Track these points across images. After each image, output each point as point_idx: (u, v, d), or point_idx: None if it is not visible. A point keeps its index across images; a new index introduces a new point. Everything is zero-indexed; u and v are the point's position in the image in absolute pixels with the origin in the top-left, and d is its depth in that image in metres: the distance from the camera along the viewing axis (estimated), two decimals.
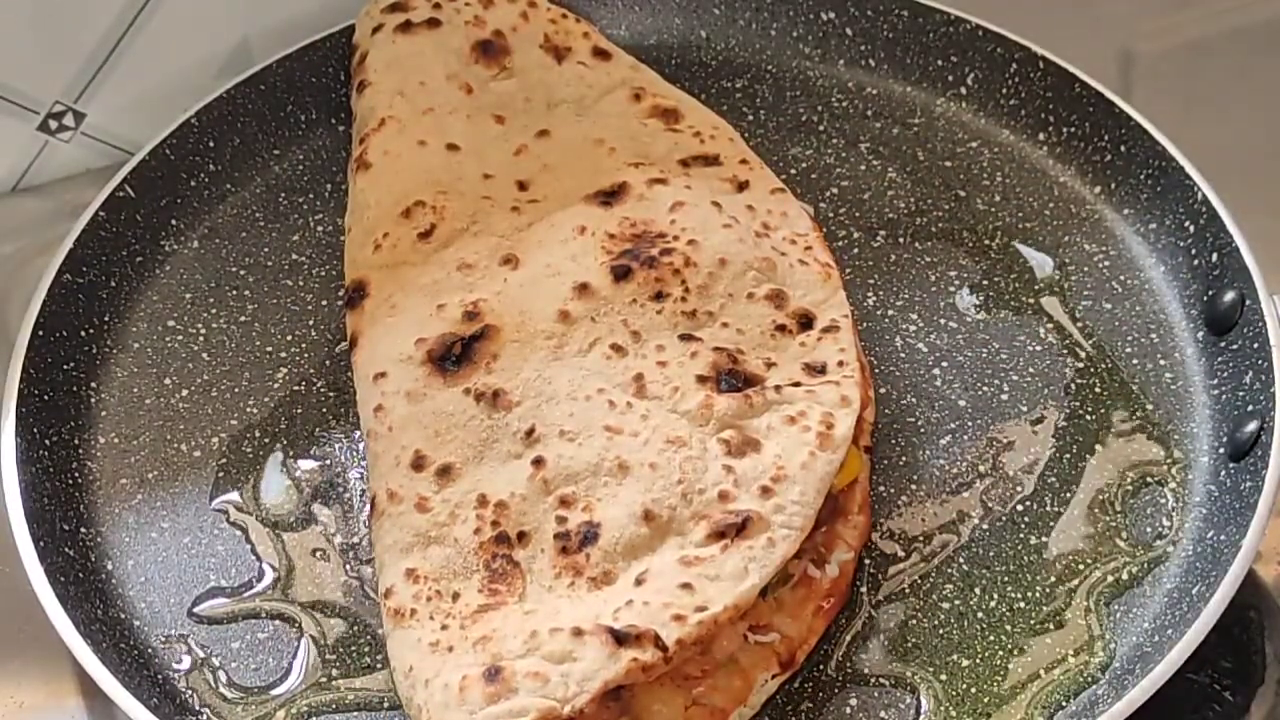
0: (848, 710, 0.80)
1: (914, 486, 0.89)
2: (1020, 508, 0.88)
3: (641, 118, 1.03)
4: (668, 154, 1.00)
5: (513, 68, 1.07)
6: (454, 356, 0.88)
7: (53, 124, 1.12)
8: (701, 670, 0.78)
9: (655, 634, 0.74)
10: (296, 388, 0.96)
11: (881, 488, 0.89)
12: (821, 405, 0.83)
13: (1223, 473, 0.87)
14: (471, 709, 0.73)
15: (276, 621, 0.85)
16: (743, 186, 0.98)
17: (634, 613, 0.75)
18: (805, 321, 0.89)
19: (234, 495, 0.91)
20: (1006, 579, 0.85)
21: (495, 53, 1.06)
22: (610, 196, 0.95)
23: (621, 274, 0.90)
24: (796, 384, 0.84)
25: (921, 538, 0.87)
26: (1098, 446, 0.90)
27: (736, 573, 0.77)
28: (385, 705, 0.81)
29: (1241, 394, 0.89)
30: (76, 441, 0.93)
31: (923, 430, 0.92)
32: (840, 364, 0.86)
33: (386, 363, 0.89)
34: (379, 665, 0.83)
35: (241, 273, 1.02)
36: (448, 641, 0.77)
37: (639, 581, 0.77)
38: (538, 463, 0.82)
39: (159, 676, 0.82)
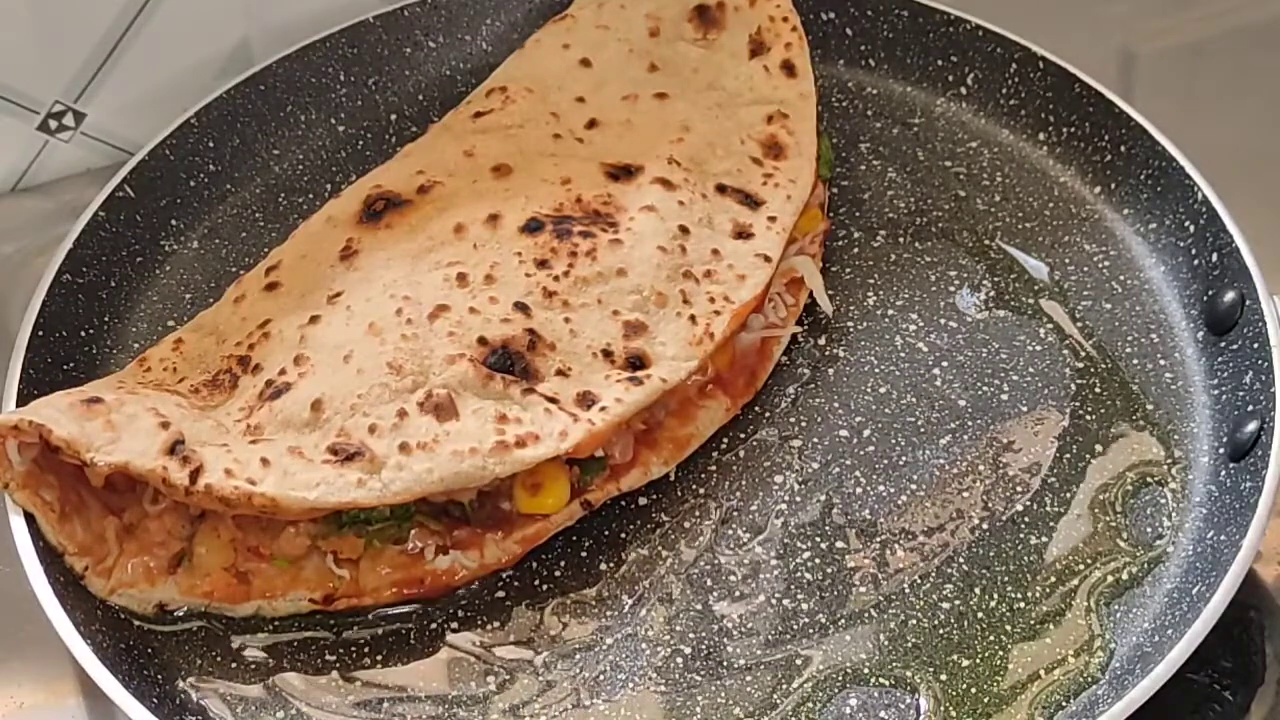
0: (848, 710, 0.80)
1: (914, 486, 0.89)
2: (1020, 508, 0.88)
3: (750, 136, 1.00)
4: (720, 175, 0.98)
5: (712, 43, 1.06)
6: (375, 211, 0.94)
7: (53, 124, 1.12)
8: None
9: None
10: None
11: (881, 487, 0.89)
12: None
13: (1223, 473, 0.87)
14: None
15: None
16: (744, 235, 0.95)
17: None
18: (635, 364, 0.87)
19: None
20: (1007, 579, 0.85)
21: (709, 22, 1.06)
22: (621, 172, 0.96)
23: (532, 228, 0.90)
24: (554, 399, 0.84)
25: (921, 538, 0.87)
26: (1098, 446, 0.90)
27: None
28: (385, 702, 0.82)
29: (1241, 394, 0.89)
30: None
31: (923, 430, 0.92)
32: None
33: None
34: (378, 664, 0.83)
35: (241, 273, 1.02)
36: None
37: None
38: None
39: (159, 676, 0.82)
